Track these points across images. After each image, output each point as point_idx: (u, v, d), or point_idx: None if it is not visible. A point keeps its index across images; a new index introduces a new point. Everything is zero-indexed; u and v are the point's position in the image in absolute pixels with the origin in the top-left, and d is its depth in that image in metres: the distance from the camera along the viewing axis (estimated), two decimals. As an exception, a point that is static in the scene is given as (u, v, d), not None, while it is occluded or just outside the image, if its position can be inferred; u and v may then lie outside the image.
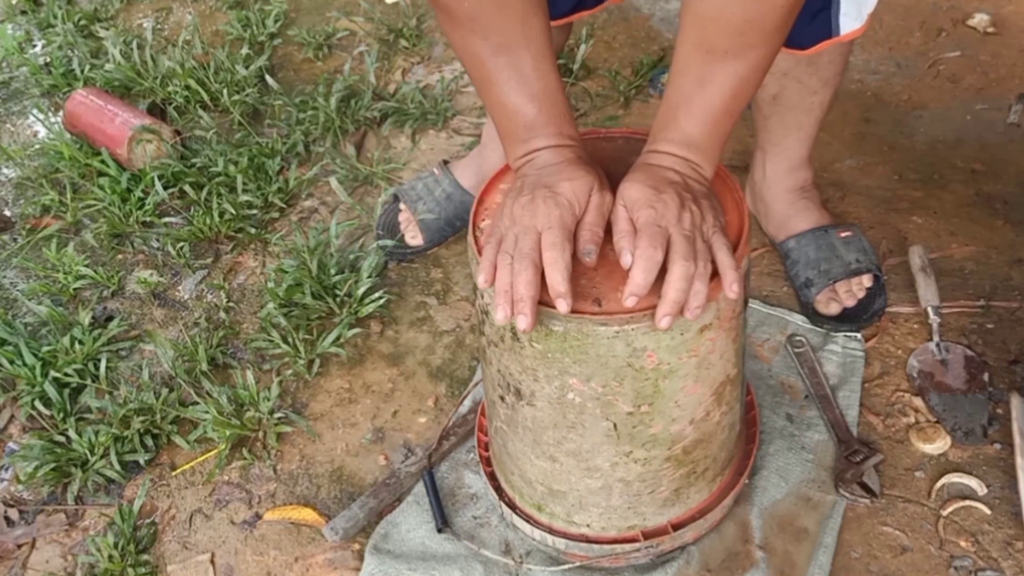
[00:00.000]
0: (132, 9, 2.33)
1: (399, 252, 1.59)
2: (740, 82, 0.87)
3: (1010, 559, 1.14)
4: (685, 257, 0.83)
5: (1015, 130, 1.70)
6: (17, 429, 1.46)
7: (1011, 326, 1.39)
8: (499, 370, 0.98)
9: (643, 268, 0.82)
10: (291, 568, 1.24)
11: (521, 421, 1.01)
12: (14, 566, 1.30)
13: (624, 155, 0.98)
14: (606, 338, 0.86)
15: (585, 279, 0.88)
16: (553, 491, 1.08)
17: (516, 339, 0.90)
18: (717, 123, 0.89)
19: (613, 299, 0.86)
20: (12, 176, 1.90)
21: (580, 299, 0.86)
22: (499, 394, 1.01)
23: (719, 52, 0.86)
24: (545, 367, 0.91)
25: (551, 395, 0.94)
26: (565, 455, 1.01)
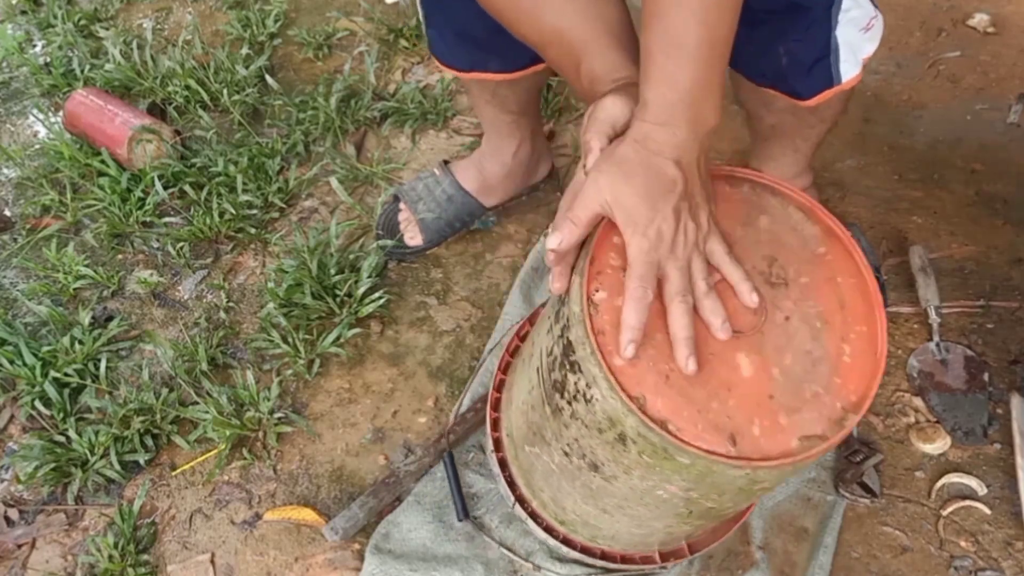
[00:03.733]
0: (132, 9, 2.33)
1: (399, 252, 1.59)
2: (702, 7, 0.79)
3: (1010, 559, 1.14)
4: (683, 293, 0.79)
5: (1015, 130, 1.70)
6: (17, 429, 1.46)
7: (1011, 326, 1.39)
8: (577, 440, 0.88)
9: (634, 310, 0.78)
10: (291, 568, 1.24)
11: (584, 481, 0.94)
12: (14, 566, 1.30)
13: (751, 211, 0.90)
14: (732, 475, 0.79)
15: (718, 400, 0.79)
16: (589, 524, 1.04)
17: (623, 443, 0.81)
18: (700, 61, 0.80)
19: (748, 433, 0.78)
20: (12, 176, 1.90)
21: (713, 430, 0.77)
22: (563, 449, 0.92)
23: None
24: (645, 471, 0.83)
25: (637, 486, 0.87)
26: (622, 515, 0.96)
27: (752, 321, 0.83)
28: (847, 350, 0.83)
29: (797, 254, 0.88)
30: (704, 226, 0.83)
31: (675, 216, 0.80)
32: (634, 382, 0.78)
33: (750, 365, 0.81)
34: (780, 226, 0.89)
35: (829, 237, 0.89)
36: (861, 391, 0.81)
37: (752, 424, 0.79)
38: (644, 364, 0.79)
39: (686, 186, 0.81)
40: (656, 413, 0.77)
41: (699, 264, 0.82)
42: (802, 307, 0.85)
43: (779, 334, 0.83)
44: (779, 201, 0.91)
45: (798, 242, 0.89)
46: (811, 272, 0.87)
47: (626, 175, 0.80)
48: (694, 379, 0.79)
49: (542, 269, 1.54)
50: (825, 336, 0.84)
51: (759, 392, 0.80)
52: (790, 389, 0.81)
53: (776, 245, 0.88)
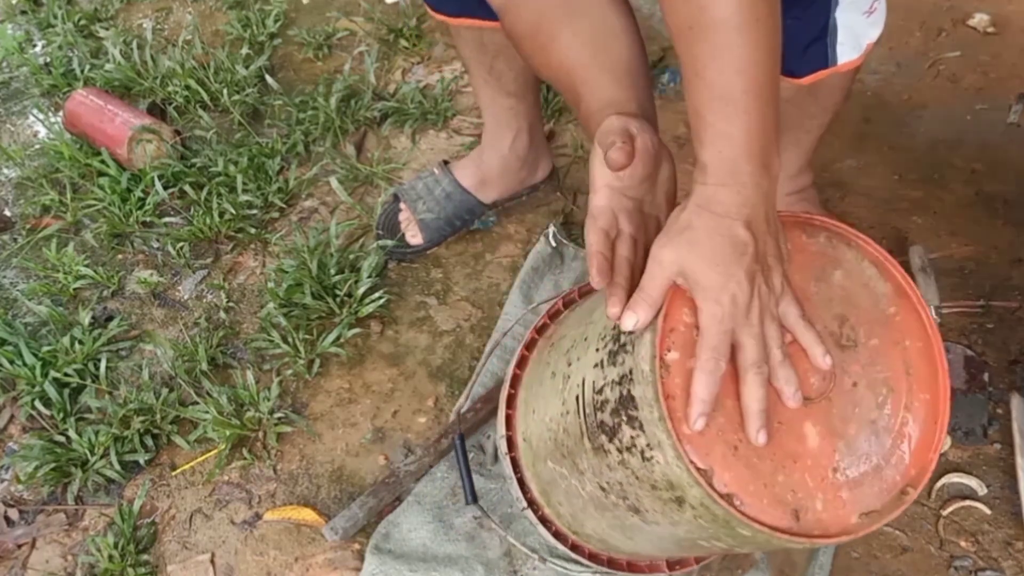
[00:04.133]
0: (132, 9, 2.33)
1: (399, 252, 1.59)
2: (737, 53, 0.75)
3: (1010, 559, 1.14)
4: (758, 364, 0.76)
5: (1015, 130, 1.70)
6: (17, 429, 1.46)
7: (1011, 326, 1.39)
8: (621, 484, 0.85)
9: (705, 384, 0.74)
10: (291, 568, 1.24)
11: (618, 516, 0.91)
12: (14, 566, 1.30)
13: (826, 266, 0.86)
14: (788, 545, 0.77)
15: (783, 474, 0.77)
16: (607, 543, 1.02)
17: (679, 505, 0.79)
18: (751, 111, 0.76)
19: (811, 508, 0.77)
20: (12, 176, 1.90)
21: (777, 504, 0.76)
22: (600, 485, 0.89)
23: (685, 28, 0.77)
24: (694, 528, 0.81)
25: (677, 534, 0.85)
26: (647, 544, 0.95)
27: (820, 387, 0.81)
28: (909, 420, 0.83)
29: (868, 314, 0.85)
30: (778, 288, 0.80)
31: (749, 281, 0.76)
32: (702, 452, 0.75)
33: (816, 436, 0.80)
34: (853, 282, 0.87)
35: (900, 296, 0.87)
36: (921, 464, 0.81)
37: (815, 499, 0.78)
38: (712, 433, 0.76)
39: (757, 247, 0.77)
40: (722, 487, 0.75)
41: (774, 331, 0.79)
42: (870, 372, 0.83)
43: (846, 402, 0.82)
44: (854, 254, 0.88)
45: (870, 301, 0.86)
46: (881, 334, 0.85)
47: (691, 243, 0.77)
48: (762, 450, 0.77)
49: (542, 269, 1.54)
50: (890, 404, 0.83)
51: (824, 465, 0.79)
52: (854, 462, 0.80)
53: (848, 304, 0.85)
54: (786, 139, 1.34)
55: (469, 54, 1.39)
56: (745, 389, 0.77)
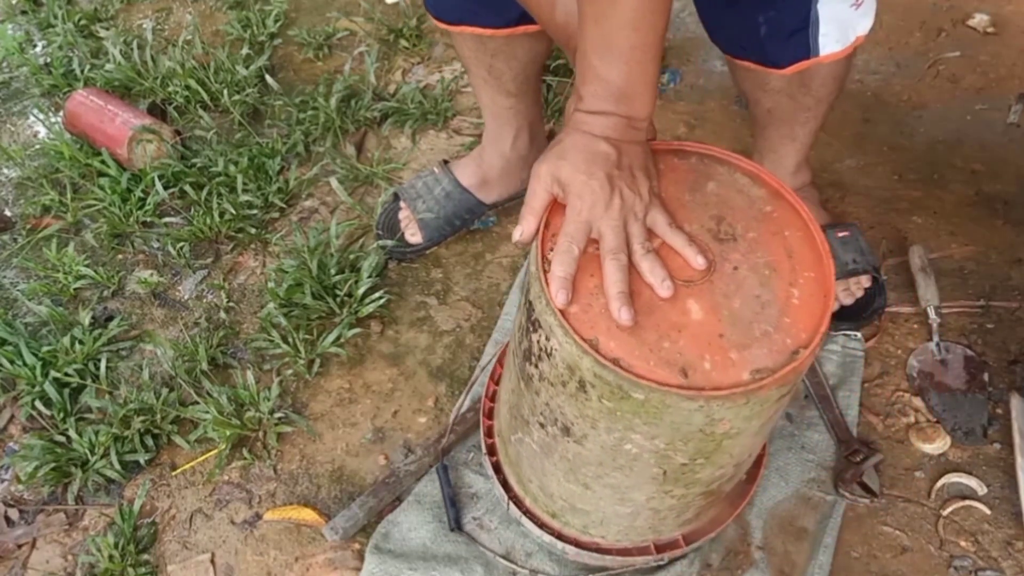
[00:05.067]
0: (132, 9, 2.33)
1: (399, 251, 1.59)
2: (633, 14, 0.84)
3: (1010, 559, 1.15)
4: (615, 251, 0.84)
5: (1015, 130, 1.70)
6: (17, 429, 1.46)
7: (1011, 326, 1.39)
8: (547, 403, 0.92)
9: (559, 262, 0.83)
10: (291, 568, 1.25)
11: (561, 452, 0.96)
12: (14, 566, 1.30)
13: (698, 178, 0.93)
14: (687, 409, 0.81)
15: (669, 340, 0.82)
16: (576, 508, 1.05)
17: (583, 390, 0.84)
18: (634, 58, 0.86)
19: (699, 368, 0.81)
20: (12, 176, 1.90)
21: (664, 365, 0.81)
22: (539, 421, 0.95)
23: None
24: (609, 420, 0.86)
25: (606, 442, 0.89)
26: (602, 487, 0.98)
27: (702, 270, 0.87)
28: (796, 293, 0.86)
29: (745, 213, 0.91)
30: (644, 196, 0.87)
31: (609, 181, 0.85)
32: (587, 326, 0.82)
33: (700, 310, 0.85)
34: (727, 190, 0.93)
35: (776, 198, 0.93)
36: (811, 329, 0.84)
37: (703, 360, 0.82)
38: (596, 311, 0.83)
39: (620, 158, 0.86)
40: (609, 352, 0.81)
41: (636, 228, 0.86)
42: (750, 258, 0.88)
43: (728, 282, 0.86)
44: (726, 169, 0.95)
45: (745, 203, 0.92)
46: (759, 228, 0.90)
47: (560, 155, 0.87)
48: (645, 323, 0.83)
49: (542, 269, 1.54)
50: (774, 282, 0.87)
51: (709, 332, 0.83)
52: (740, 329, 0.84)
53: (724, 206, 0.92)
54: (781, 133, 1.35)
55: (468, 54, 1.39)
56: (605, 275, 0.84)
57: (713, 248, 0.88)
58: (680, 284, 0.85)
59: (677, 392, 0.79)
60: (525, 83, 1.43)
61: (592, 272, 0.85)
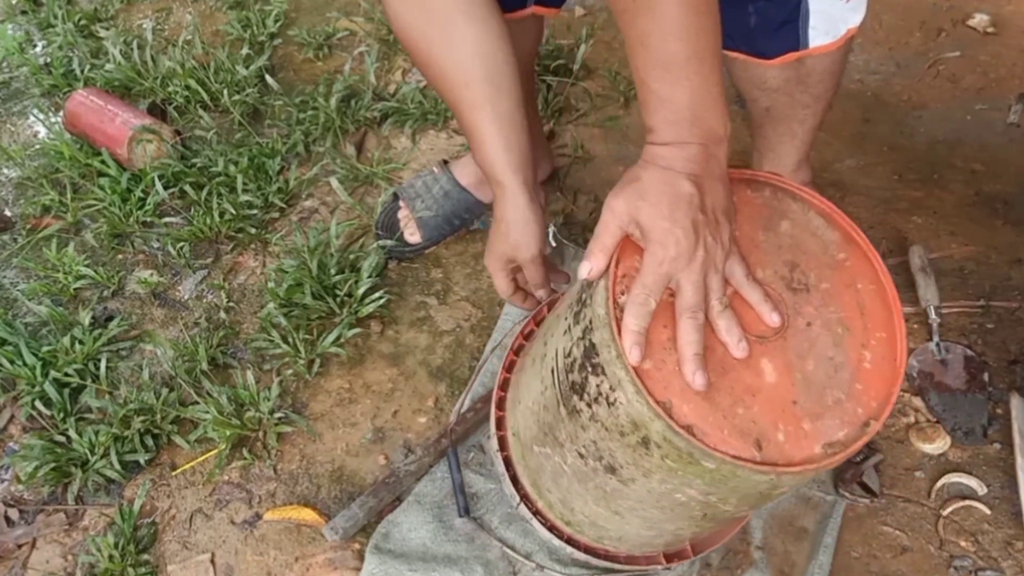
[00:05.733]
0: (132, 9, 2.33)
1: (398, 251, 1.59)
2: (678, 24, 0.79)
3: (1010, 559, 1.15)
4: (694, 309, 0.79)
5: (1015, 130, 1.70)
6: (17, 429, 1.46)
7: (1011, 326, 1.39)
8: (595, 442, 0.88)
9: (633, 315, 0.78)
10: (291, 568, 1.25)
11: (598, 483, 0.93)
12: (14, 566, 1.30)
13: (772, 216, 0.90)
14: (754, 479, 0.79)
15: (743, 406, 0.79)
16: (597, 525, 1.03)
17: (646, 447, 0.81)
18: (691, 69, 0.80)
19: (773, 439, 0.79)
20: (12, 176, 1.90)
21: (739, 435, 0.78)
22: (578, 451, 0.92)
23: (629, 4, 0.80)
24: (666, 475, 0.83)
25: (655, 489, 0.86)
26: (635, 517, 0.96)
27: (774, 328, 0.84)
28: (867, 356, 0.84)
29: (818, 259, 0.88)
30: (726, 245, 0.82)
31: (694, 230, 0.79)
32: (660, 387, 0.78)
33: (773, 371, 0.82)
34: (801, 231, 0.90)
35: (849, 243, 0.90)
36: (881, 397, 0.82)
37: (777, 430, 0.79)
38: (669, 369, 0.79)
39: (703, 200, 0.80)
40: (682, 418, 0.77)
41: (716, 282, 0.81)
42: (823, 313, 0.86)
43: (801, 340, 0.84)
44: (800, 206, 0.91)
45: (819, 247, 0.89)
46: (832, 278, 0.87)
47: (640, 193, 0.80)
48: (719, 384, 0.79)
49: (542, 269, 1.54)
50: (847, 342, 0.84)
51: (783, 397, 0.80)
52: (813, 395, 0.81)
53: (797, 250, 0.88)
54: (779, 131, 1.35)
55: None
56: (680, 333, 0.79)
57: (786, 299, 0.85)
58: (753, 340, 0.82)
59: (751, 467, 0.77)
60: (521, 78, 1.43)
61: (665, 323, 0.81)
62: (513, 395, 1.11)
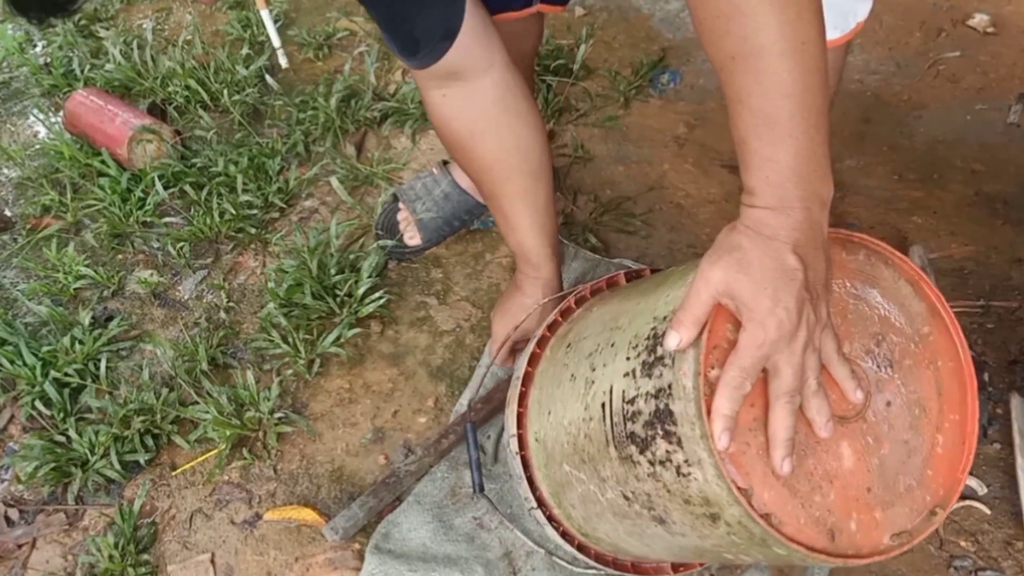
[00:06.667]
0: (132, 9, 2.33)
1: (399, 252, 1.59)
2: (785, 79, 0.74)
3: (1010, 559, 1.14)
4: (791, 394, 0.75)
5: (1015, 130, 1.70)
6: (17, 429, 1.46)
7: (1011, 326, 1.39)
8: (648, 495, 0.85)
9: (728, 398, 0.74)
10: (291, 568, 1.24)
11: (638, 524, 0.91)
12: (14, 566, 1.30)
13: (865, 283, 0.87)
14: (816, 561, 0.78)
15: (820, 494, 0.78)
16: (619, 548, 1.02)
17: (713, 522, 0.79)
18: (795, 133, 0.75)
19: (846, 529, 0.78)
20: (12, 176, 1.90)
21: (814, 524, 0.76)
22: (623, 494, 0.89)
23: (728, 59, 0.76)
24: (725, 544, 0.82)
25: (702, 547, 0.85)
26: (664, 551, 0.95)
27: (856, 407, 0.83)
28: (940, 440, 0.84)
29: (903, 333, 0.87)
30: (823, 320, 0.78)
31: (797, 309, 0.74)
32: (743, 471, 0.75)
33: (852, 456, 0.81)
34: (890, 302, 0.88)
35: (934, 316, 0.88)
36: (949, 485, 0.83)
37: (850, 519, 0.79)
38: (753, 453, 0.76)
39: (807, 274, 0.75)
40: (762, 507, 0.75)
41: (813, 361, 0.77)
42: (903, 392, 0.85)
43: (880, 421, 0.83)
44: (891, 273, 0.89)
45: (906, 320, 0.87)
46: (915, 354, 0.86)
47: (740, 264, 0.76)
48: (799, 470, 0.78)
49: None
50: (922, 424, 0.84)
51: (859, 485, 0.80)
52: (887, 482, 0.81)
53: (885, 324, 0.87)
54: None
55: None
56: (774, 417, 0.75)
57: (870, 376, 0.84)
58: (836, 421, 0.80)
59: (823, 559, 0.76)
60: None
61: (752, 402, 0.76)
62: (538, 397, 1.05)
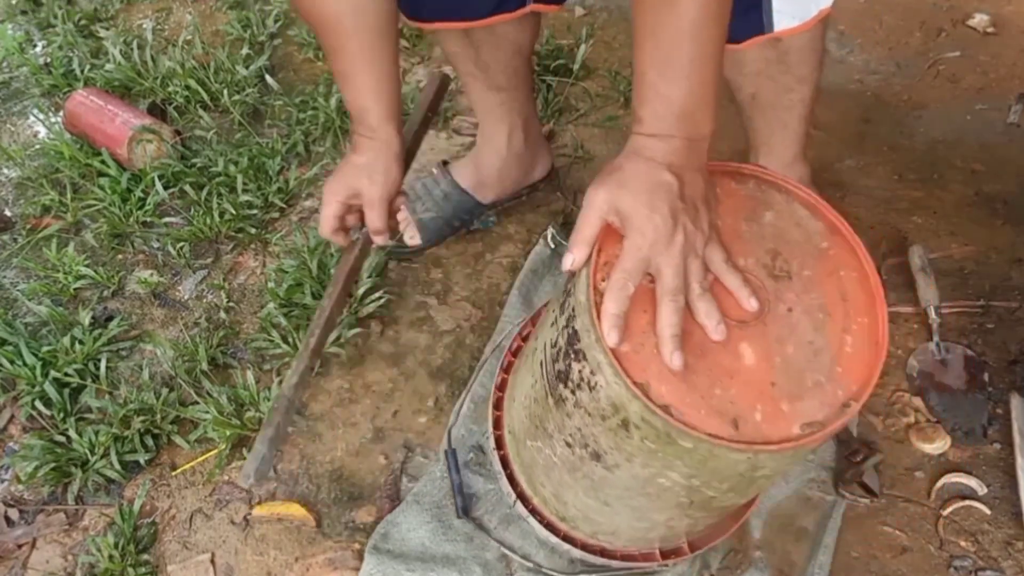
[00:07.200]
0: (132, 9, 2.33)
1: (398, 252, 1.59)
2: (691, 25, 0.82)
3: (1010, 559, 1.15)
4: (673, 292, 0.81)
5: (1015, 130, 1.70)
6: (17, 429, 1.46)
7: (1011, 326, 1.39)
8: (580, 429, 0.89)
9: (613, 299, 0.80)
10: (291, 568, 1.25)
11: (586, 472, 0.94)
12: (14, 566, 1.30)
13: (756, 207, 0.91)
14: (733, 459, 0.80)
15: (720, 387, 0.81)
16: (590, 519, 1.04)
17: (626, 429, 0.82)
18: (694, 73, 0.83)
19: (750, 419, 0.79)
20: (12, 176, 1.90)
21: (715, 415, 0.79)
22: (565, 440, 0.93)
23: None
24: (647, 458, 0.84)
25: (639, 475, 0.88)
26: (624, 507, 0.97)
27: (753, 313, 0.84)
28: (849, 340, 0.84)
29: (801, 248, 0.89)
30: (705, 231, 0.84)
31: (672, 216, 0.81)
32: (638, 368, 0.79)
33: (752, 354, 0.82)
34: (784, 221, 0.90)
35: (833, 233, 0.90)
36: (862, 380, 0.82)
37: (754, 410, 0.80)
38: (648, 352, 0.80)
39: (683, 189, 0.82)
40: (659, 398, 0.78)
41: (695, 267, 0.83)
42: (805, 299, 0.86)
43: (782, 325, 0.84)
44: (784, 198, 0.92)
45: (802, 237, 0.90)
46: (814, 266, 0.88)
47: (621, 183, 0.83)
48: (697, 366, 0.80)
49: (541, 271, 1.54)
50: (827, 327, 0.85)
51: (761, 380, 0.81)
52: (792, 377, 0.82)
53: (780, 240, 0.89)
54: (769, 120, 1.34)
55: (452, 49, 1.40)
56: (659, 315, 0.81)
57: (767, 286, 0.86)
58: (733, 325, 0.83)
59: (727, 445, 0.77)
60: (514, 76, 1.43)
61: (644, 308, 0.82)
62: (509, 394, 1.13)
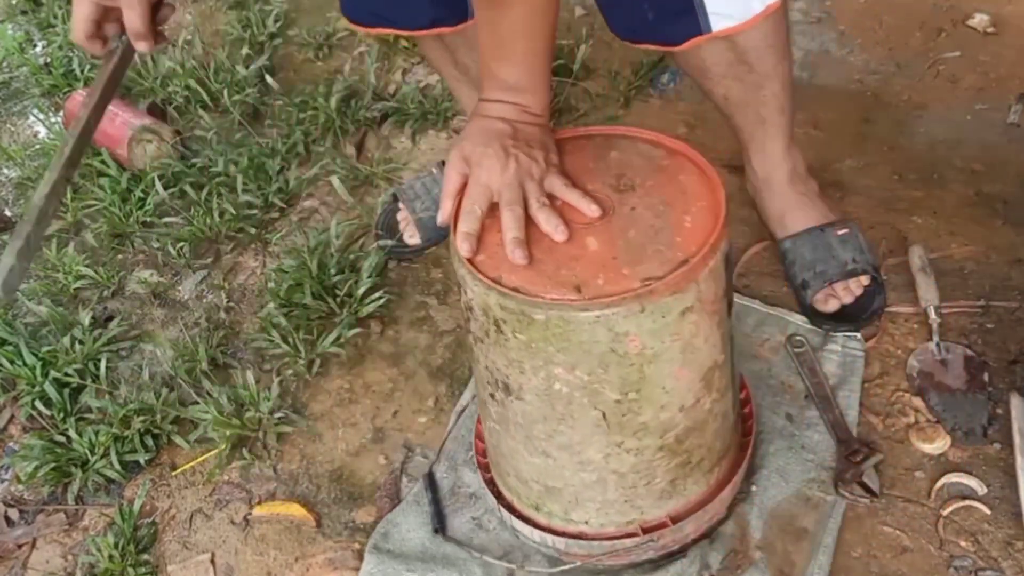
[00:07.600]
0: (132, 9, 2.32)
1: (398, 251, 1.59)
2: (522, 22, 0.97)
3: (1010, 559, 1.14)
4: (510, 203, 0.94)
5: (1015, 130, 1.70)
6: (17, 429, 1.46)
7: (1011, 326, 1.39)
8: (487, 367, 0.99)
9: (463, 221, 0.94)
10: (291, 568, 1.25)
11: (512, 417, 1.02)
12: (14, 566, 1.30)
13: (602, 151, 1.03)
14: (587, 324, 0.87)
15: (566, 268, 0.90)
16: (549, 488, 1.07)
17: (500, 331, 0.92)
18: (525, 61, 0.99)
19: (592, 284, 0.88)
20: (12, 176, 1.90)
21: (559, 286, 0.88)
22: (489, 392, 1.02)
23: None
24: (530, 358, 0.92)
25: (538, 387, 0.95)
26: (557, 449, 1.01)
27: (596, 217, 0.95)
28: (688, 219, 0.93)
29: (643, 168, 1.00)
30: (540, 163, 0.97)
31: (504, 150, 0.96)
32: (492, 269, 0.92)
33: (597, 243, 0.92)
34: (628, 155, 1.02)
35: (674, 155, 1.01)
36: (700, 243, 0.90)
37: (596, 278, 0.89)
38: (500, 258, 0.93)
39: (515, 133, 0.98)
40: (510, 284, 0.89)
41: (532, 187, 0.95)
42: (647, 200, 0.96)
43: (625, 219, 0.95)
44: (629, 142, 1.04)
45: (644, 162, 1.01)
46: (656, 177, 0.99)
47: (465, 136, 1.00)
48: (545, 259, 0.91)
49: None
50: (668, 214, 0.94)
51: (604, 257, 0.91)
52: (633, 251, 0.91)
53: (624, 167, 1.00)
54: (748, 118, 1.34)
55: (430, 53, 1.42)
56: (502, 224, 0.94)
57: (613, 198, 0.96)
58: (579, 227, 0.94)
59: (570, 304, 0.86)
60: None
61: (499, 230, 0.94)
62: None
